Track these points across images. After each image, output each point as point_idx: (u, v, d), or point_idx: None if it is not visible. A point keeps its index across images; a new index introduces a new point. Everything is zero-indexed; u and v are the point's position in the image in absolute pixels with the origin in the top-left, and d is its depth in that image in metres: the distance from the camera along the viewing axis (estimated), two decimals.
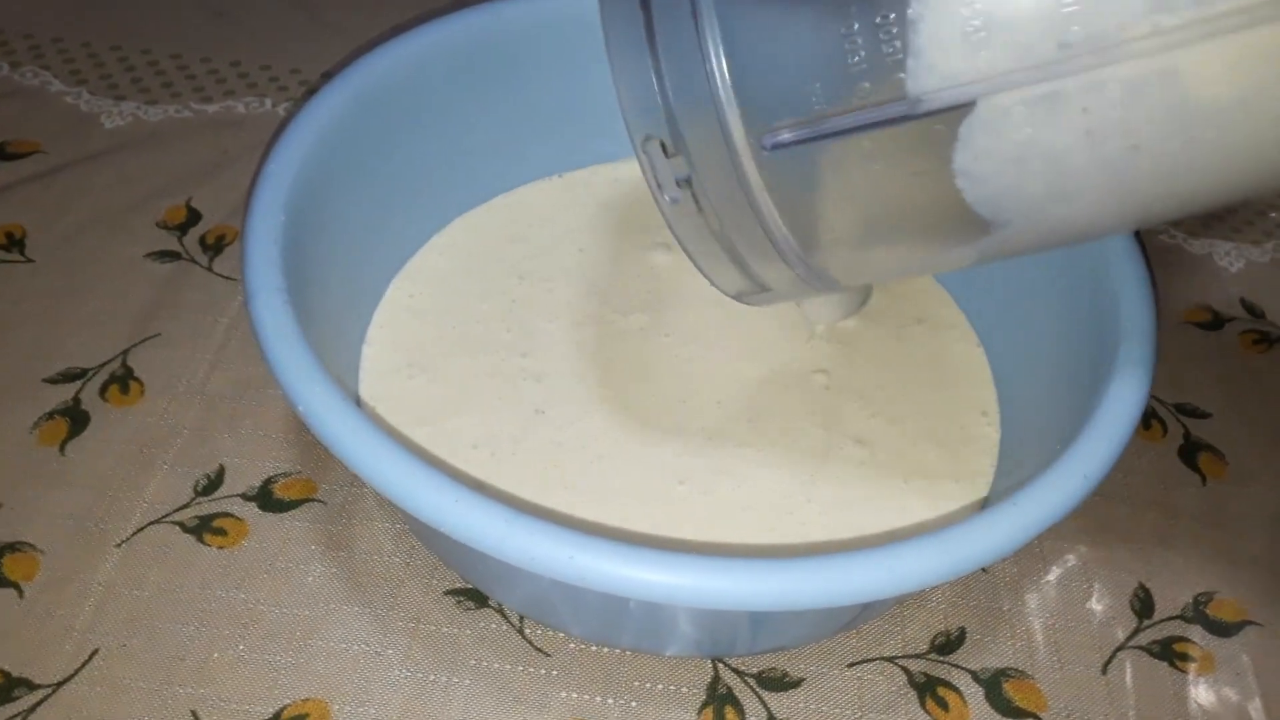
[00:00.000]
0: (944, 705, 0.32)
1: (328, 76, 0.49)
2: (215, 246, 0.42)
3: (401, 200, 0.38)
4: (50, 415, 0.36)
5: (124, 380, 0.37)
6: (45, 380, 0.37)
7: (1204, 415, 0.39)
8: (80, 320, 0.39)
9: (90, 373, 0.37)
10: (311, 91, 0.48)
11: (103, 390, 0.37)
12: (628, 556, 0.24)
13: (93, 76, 0.48)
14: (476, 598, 0.33)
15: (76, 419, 0.36)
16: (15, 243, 0.41)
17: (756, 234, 0.25)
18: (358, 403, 0.35)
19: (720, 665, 0.32)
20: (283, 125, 0.33)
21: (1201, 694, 0.32)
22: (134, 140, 0.45)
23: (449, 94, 0.37)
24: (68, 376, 0.37)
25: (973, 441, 0.35)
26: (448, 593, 0.33)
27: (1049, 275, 0.35)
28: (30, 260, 0.41)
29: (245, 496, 0.35)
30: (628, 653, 0.32)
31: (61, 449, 0.35)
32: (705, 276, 0.28)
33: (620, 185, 0.42)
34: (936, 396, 0.36)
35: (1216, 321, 0.42)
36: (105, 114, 0.46)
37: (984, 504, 0.33)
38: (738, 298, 0.29)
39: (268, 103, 0.48)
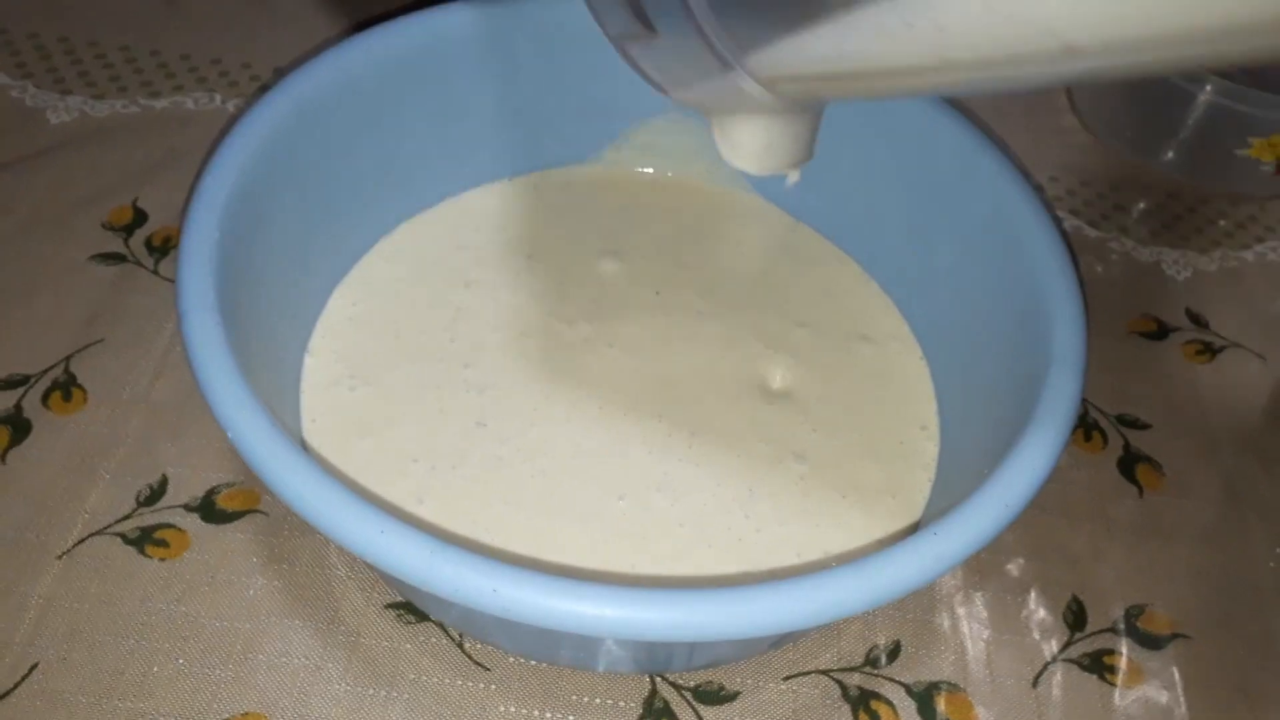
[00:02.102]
0: (876, 718, 0.32)
1: (280, 72, 0.48)
2: (161, 249, 0.41)
3: (344, 207, 0.37)
4: None
5: (66, 387, 0.37)
6: None
7: (1144, 427, 0.39)
8: (22, 325, 0.39)
9: (32, 379, 0.37)
10: (264, 88, 0.48)
11: (44, 398, 0.37)
12: (551, 590, 0.24)
13: (39, 70, 0.47)
14: (417, 612, 0.33)
15: (18, 427, 0.36)
16: None
17: None
18: (299, 416, 0.34)
19: (657, 680, 0.32)
20: (222, 134, 0.33)
21: (1129, 706, 0.33)
22: (79, 137, 0.45)
23: (391, 99, 0.37)
24: (9, 384, 0.37)
25: (911, 456, 0.35)
26: (388, 606, 0.33)
27: (990, 289, 0.35)
28: None
29: (188, 507, 0.35)
30: (566, 667, 0.32)
31: (3, 458, 0.35)
32: (591, 10, 0.23)
33: (571, 190, 0.42)
34: (878, 410, 0.36)
35: (1161, 331, 0.43)
36: (51, 109, 0.46)
37: (919, 519, 0.34)
38: (619, 42, 0.23)
39: (217, 98, 0.47)
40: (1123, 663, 0.34)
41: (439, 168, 0.40)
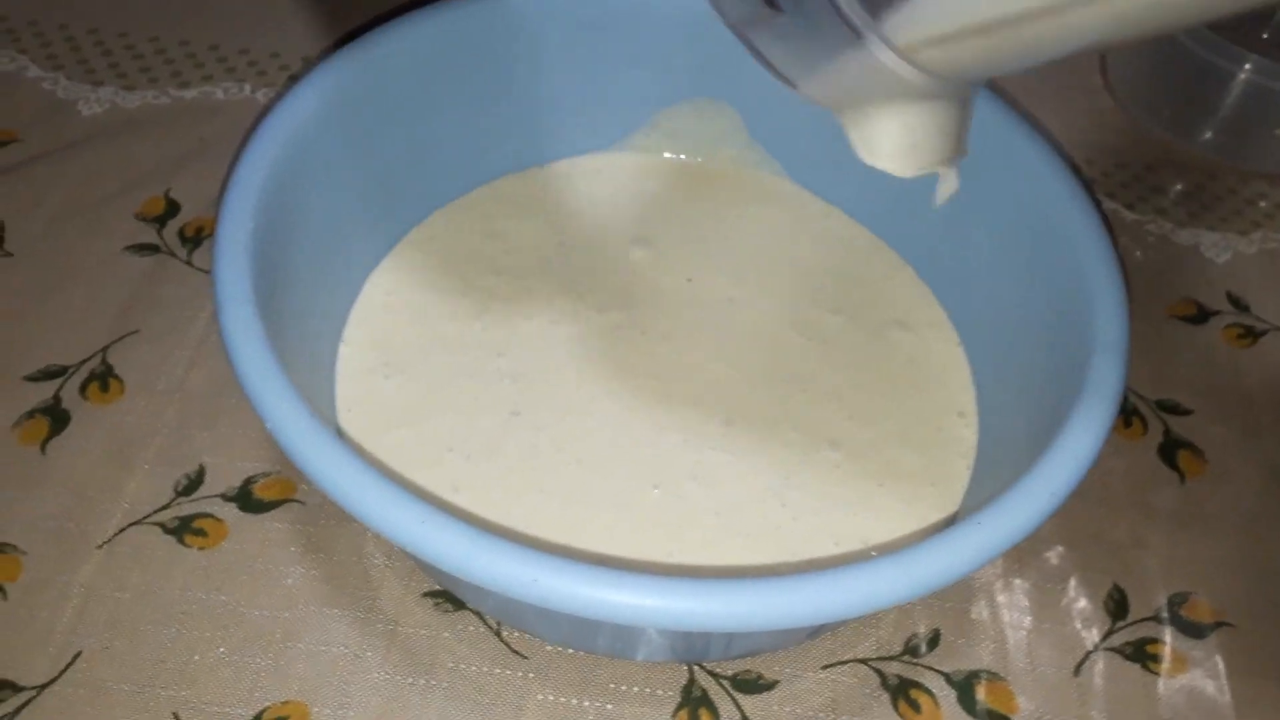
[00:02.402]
0: (916, 707, 0.32)
1: (309, 61, 0.48)
2: (194, 239, 0.41)
3: (377, 196, 0.37)
4: (31, 414, 0.36)
5: (104, 378, 0.37)
6: (26, 378, 0.37)
7: (1185, 412, 0.39)
8: (60, 316, 0.39)
9: (70, 370, 0.37)
10: (293, 77, 0.48)
11: (83, 388, 0.37)
12: (591, 579, 0.24)
13: (70, 62, 0.47)
14: (454, 600, 0.33)
15: (57, 418, 0.36)
16: None
17: None
18: (333, 405, 0.35)
19: (695, 668, 0.32)
20: (253, 125, 0.33)
21: (1173, 695, 0.33)
22: (111, 128, 0.45)
23: (422, 87, 0.37)
24: (48, 374, 0.37)
25: (949, 444, 0.35)
26: (426, 595, 0.33)
27: (1029, 274, 0.34)
28: (9, 254, 0.40)
29: (225, 497, 0.35)
30: (604, 656, 0.32)
31: (42, 449, 0.35)
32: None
33: (601, 177, 0.42)
34: (914, 397, 0.36)
35: (1201, 315, 0.42)
36: (82, 100, 0.46)
37: (959, 508, 0.33)
38: (740, 29, 0.22)
39: (246, 88, 0.47)
40: (1166, 651, 0.33)
41: (470, 155, 0.40)
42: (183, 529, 0.34)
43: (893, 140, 0.23)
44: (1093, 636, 0.34)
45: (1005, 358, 0.35)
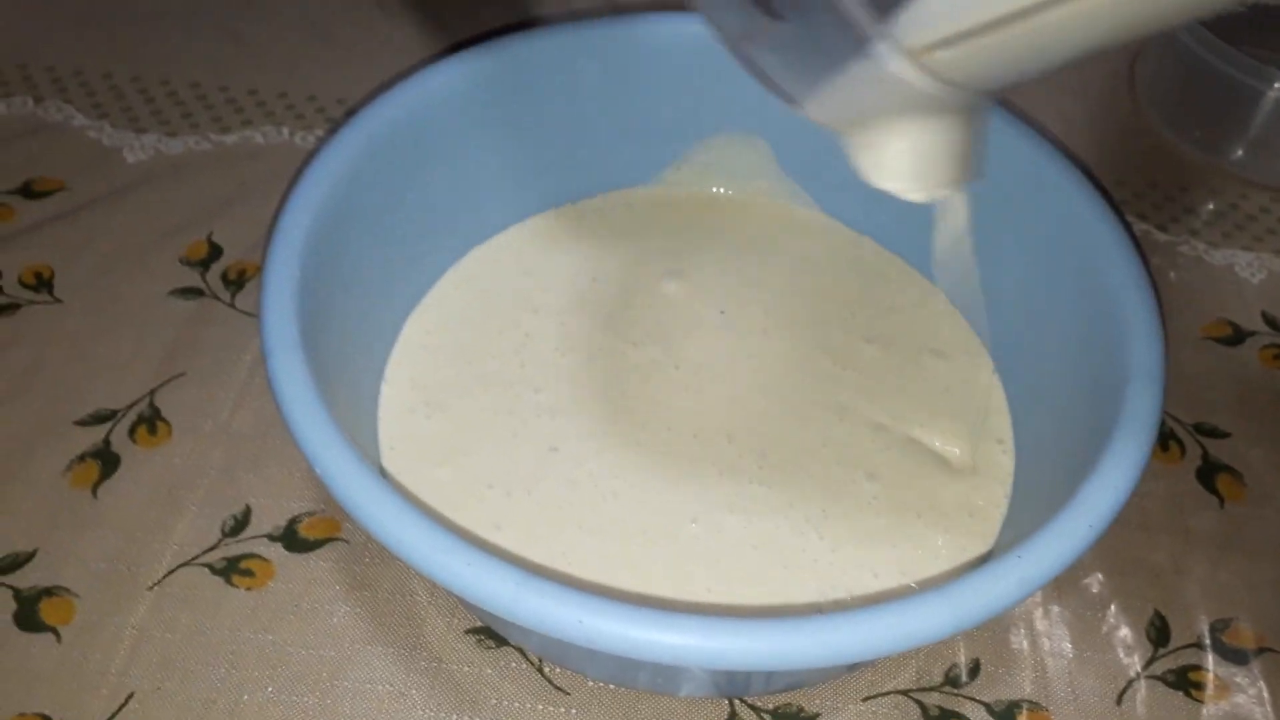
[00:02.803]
0: None
1: (344, 104, 0.49)
2: (237, 282, 0.42)
3: (415, 237, 0.38)
4: (82, 458, 0.37)
5: (151, 421, 0.38)
6: (76, 423, 0.38)
7: (1223, 435, 0.39)
8: (108, 361, 0.40)
9: (119, 414, 0.38)
10: (331, 121, 0.49)
11: (131, 431, 0.38)
12: (636, 620, 0.24)
13: (114, 109, 0.49)
14: (497, 637, 0.34)
15: (107, 461, 0.37)
16: (44, 283, 0.42)
17: None
18: (377, 445, 0.35)
19: (736, 703, 0.32)
20: (296, 173, 0.34)
21: None
22: (155, 174, 0.46)
23: (459, 130, 0.38)
24: (98, 418, 0.38)
25: (986, 471, 0.35)
26: (469, 631, 0.34)
27: (1063, 300, 0.35)
28: (59, 300, 0.41)
29: (271, 537, 0.36)
30: (645, 691, 0.33)
31: (94, 492, 0.36)
32: (706, 16, 0.21)
33: (633, 212, 0.43)
34: (951, 426, 0.36)
35: (1237, 336, 0.42)
36: (127, 148, 0.47)
37: (997, 538, 0.34)
38: (739, 44, 0.21)
39: (285, 131, 0.48)
40: (1209, 678, 0.33)
41: (505, 194, 0.41)
42: (230, 569, 0.35)
43: (901, 161, 0.22)
44: (1135, 664, 0.33)
45: (1042, 385, 0.36)
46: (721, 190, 0.43)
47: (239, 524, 0.36)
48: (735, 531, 0.33)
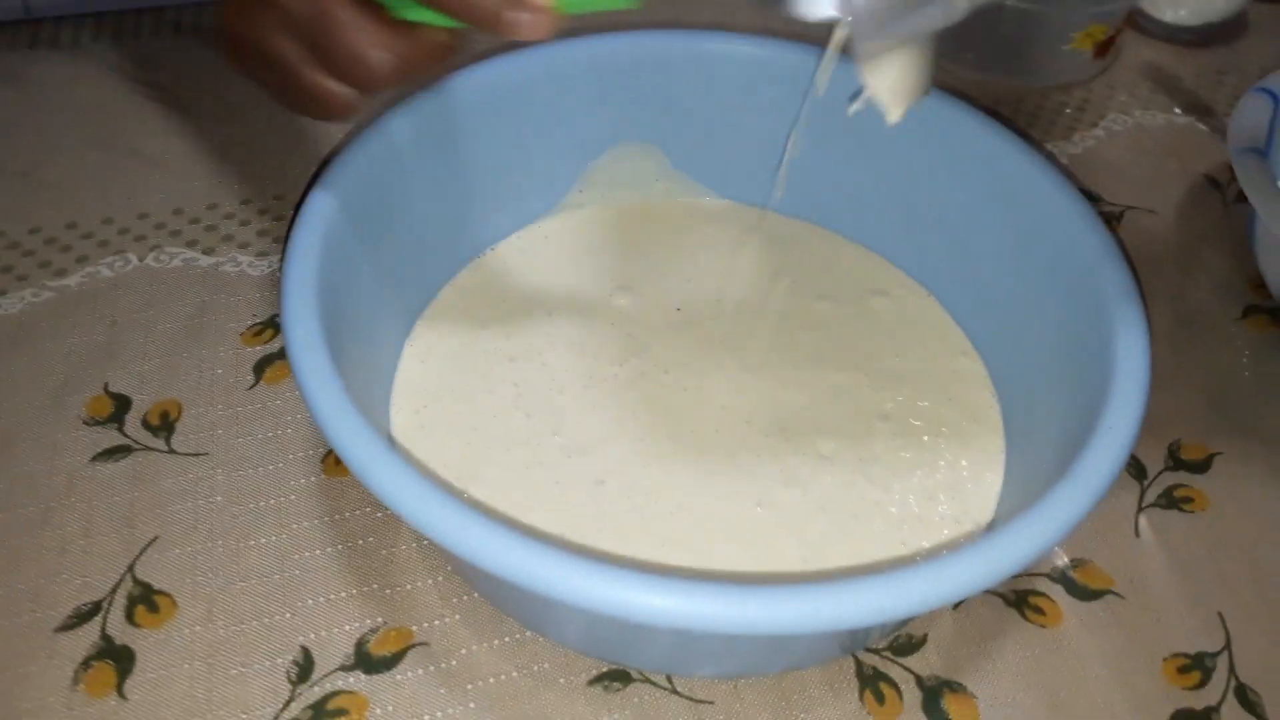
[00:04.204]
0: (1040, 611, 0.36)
1: (181, 214, 0.46)
2: (165, 425, 0.38)
3: (363, 329, 0.36)
4: (87, 663, 0.33)
5: (146, 598, 0.34)
6: (58, 630, 0.33)
7: None
8: (63, 551, 0.35)
9: (104, 603, 0.34)
10: (175, 234, 0.45)
11: (129, 615, 0.34)
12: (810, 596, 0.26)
13: None
14: (618, 676, 0.33)
15: (118, 656, 0.33)
16: None
17: None
18: None
19: (857, 655, 0.34)
20: (290, 230, 0.32)
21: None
22: (4, 339, 0.41)
23: (393, 189, 0.37)
24: (80, 616, 0.34)
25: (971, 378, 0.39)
26: (591, 682, 0.33)
27: (1041, 275, 0.37)
28: None
29: (345, 668, 0.33)
30: (774, 676, 0.34)
31: (120, 693, 0.32)
32: None
33: (550, 243, 0.43)
34: (915, 349, 0.40)
35: None
36: None
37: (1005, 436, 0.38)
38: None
39: (132, 258, 0.44)
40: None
41: (441, 247, 0.41)
42: (319, 717, 0.32)
43: (899, 82, 0.29)
44: None
45: (1035, 420, 0.37)
46: (626, 200, 0.45)
47: (304, 667, 0.33)
48: (798, 502, 0.35)
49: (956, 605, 0.36)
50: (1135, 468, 0.40)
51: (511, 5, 0.25)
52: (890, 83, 0.29)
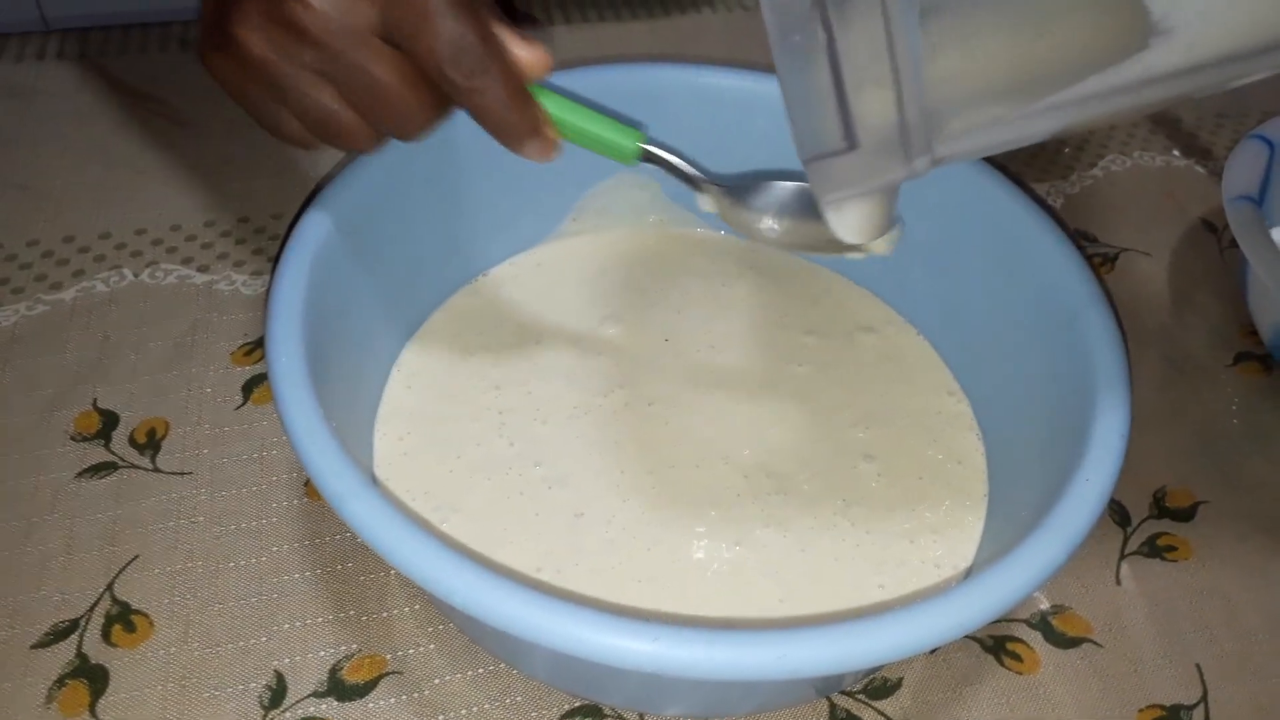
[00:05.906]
0: (1018, 658, 0.36)
1: (179, 230, 0.46)
2: (150, 444, 0.39)
3: (351, 353, 0.37)
4: (61, 681, 0.33)
5: (124, 617, 0.34)
6: (34, 646, 0.33)
7: None
8: (39, 572, 0.35)
9: (81, 621, 0.34)
10: (171, 251, 0.45)
11: (106, 635, 0.34)
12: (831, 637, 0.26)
13: None
14: (590, 712, 0.33)
15: (93, 676, 0.33)
16: None
17: (879, 42, 0.23)
18: None
19: (832, 699, 0.34)
20: (270, 290, 0.32)
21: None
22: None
23: (382, 221, 0.37)
24: (58, 634, 0.34)
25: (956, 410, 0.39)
26: (563, 718, 0.33)
27: (1022, 308, 0.38)
28: None
29: (318, 694, 0.33)
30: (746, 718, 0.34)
31: (93, 712, 0.32)
32: (791, 125, 0.26)
33: (542, 270, 0.43)
34: (901, 389, 0.40)
35: None
36: None
37: (988, 481, 0.38)
38: (810, 161, 0.26)
39: (127, 274, 0.44)
40: None
41: (434, 273, 0.41)
42: None
43: (860, 221, 0.29)
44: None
45: (1022, 454, 0.37)
46: (620, 229, 0.45)
47: (276, 692, 0.33)
48: (778, 542, 0.35)
49: (933, 650, 0.36)
50: (1119, 514, 0.40)
51: (532, 134, 0.31)
52: (855, 223, 0.29)
